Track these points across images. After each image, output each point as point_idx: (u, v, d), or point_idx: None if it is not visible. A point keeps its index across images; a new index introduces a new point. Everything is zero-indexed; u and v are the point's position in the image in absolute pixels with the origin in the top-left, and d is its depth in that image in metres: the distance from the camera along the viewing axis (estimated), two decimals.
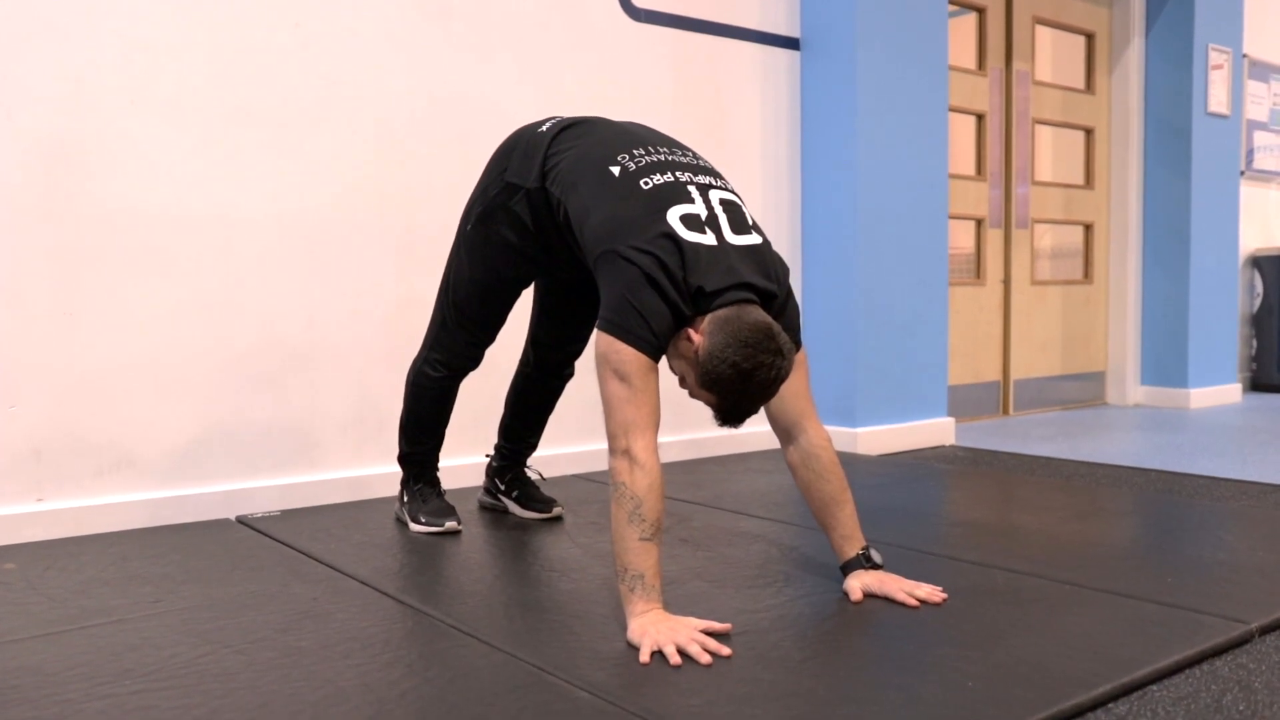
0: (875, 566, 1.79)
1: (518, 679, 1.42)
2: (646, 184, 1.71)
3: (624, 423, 1.59)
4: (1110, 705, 1.36)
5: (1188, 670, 1.48)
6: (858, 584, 1.76)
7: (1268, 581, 1.87)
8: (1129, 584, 1.85)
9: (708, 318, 1.61)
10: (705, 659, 1.45)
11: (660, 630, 1.50)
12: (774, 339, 1.58)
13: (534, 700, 1.35)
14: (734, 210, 1.74)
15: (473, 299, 2.13)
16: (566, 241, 1.92)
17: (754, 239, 1.72)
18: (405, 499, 2.36)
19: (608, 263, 1.66)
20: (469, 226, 2.08)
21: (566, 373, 2.37)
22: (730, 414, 1.62)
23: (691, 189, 1.72)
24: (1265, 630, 1.63)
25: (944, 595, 1.74)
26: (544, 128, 1.97)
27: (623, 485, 1.57)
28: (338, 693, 1.38)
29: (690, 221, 1.66)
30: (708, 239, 1.66)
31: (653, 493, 1.56)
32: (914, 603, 1.71)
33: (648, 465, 1.57)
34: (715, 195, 1.74)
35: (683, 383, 1.68)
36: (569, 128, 1.93)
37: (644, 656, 1.46)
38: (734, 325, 1.58)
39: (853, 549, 1.79)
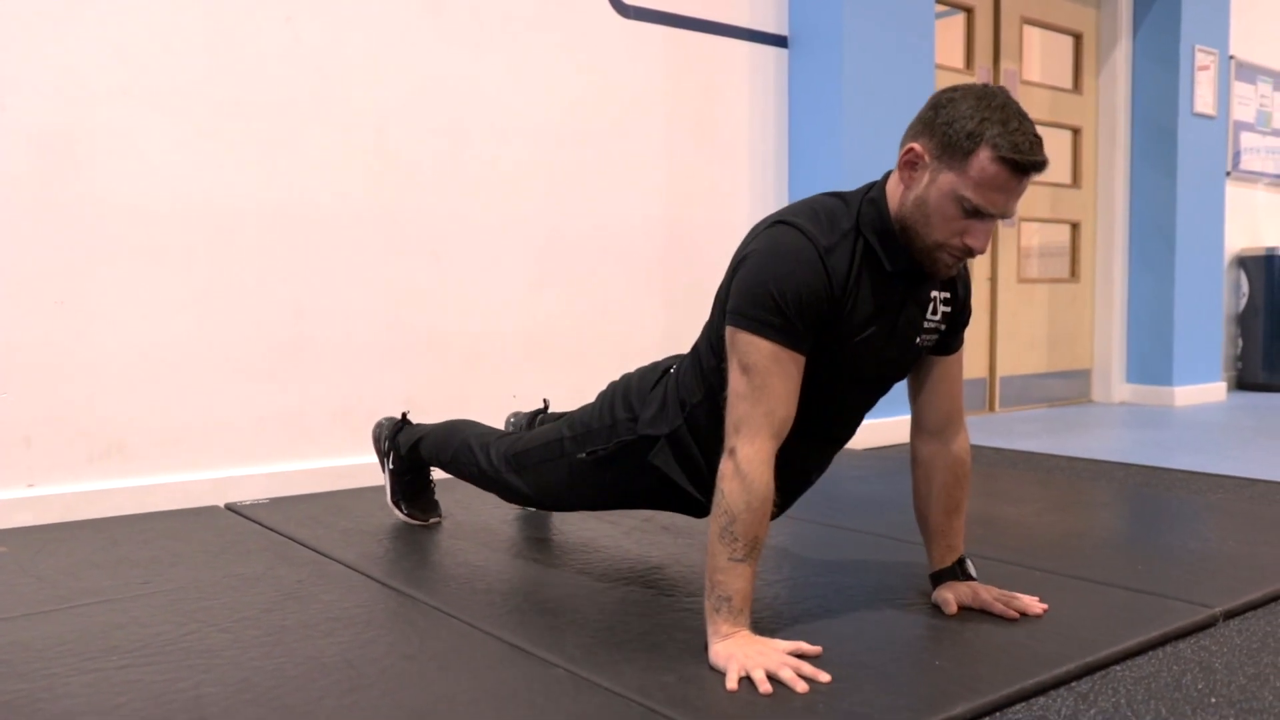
0: (969, 578, 1.68)
1: (495, 656, 1.46)
2: None
3: (735, 421, 1.43)
4: (1073, 684, 1.39)
5: (1151, 652, 1.51)
6: (952, 596, 1.65)
7: (1236, 569, 1.91)
8: (1101, 571, 1.89)
9: (907, 149, 1.45)
10: (801, 686, 1.32)
11: (748, 654, 1.38)
12: None
13: (509, 675, 1.38)
14: None
15: (558, 504, 1.95)
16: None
17: None
18: (392, 467, 2.29)
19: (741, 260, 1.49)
20: (582, 454, 1.76)
21: None
22: (1012, 137, 1.36)
23: None
24: (1230, 615, 1.67)
25: (1044, 606, 1.64)
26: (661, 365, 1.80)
27: (721, 495, 1.42)
28: (319, 668, 1.41)
29: None
30: None
31: (751, 511, 1.40)
32: (1013, 614, 1.60)
33: (750, 477, 1.40)
34: None
35: (944, 214, 1.42)
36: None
37: (731, 683, 1.33)
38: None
39: (951, 559, 1.68)
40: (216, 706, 1.28)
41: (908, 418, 1.74)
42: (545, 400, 2.47)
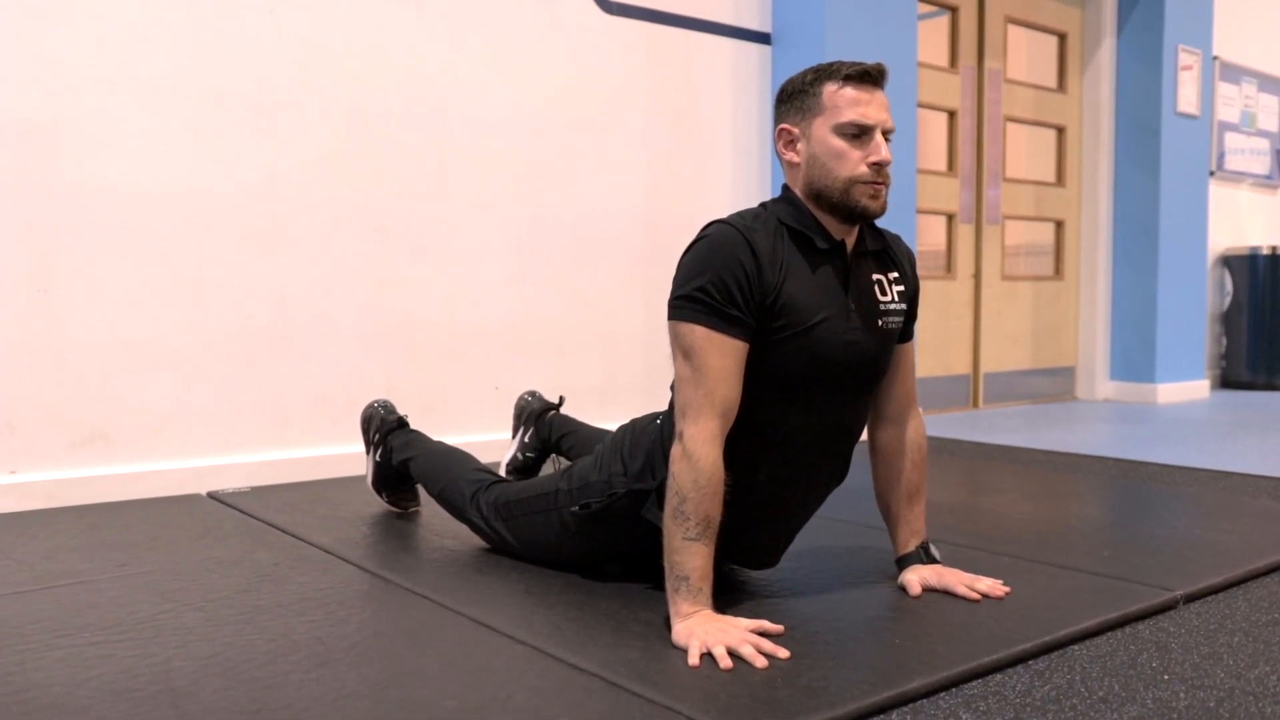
0: (933, 561, 1.73)
1: (465, 634, 1.48)
2: None
3: (681, 405, 1.48)
4: (1030, 661, 1.42)
5: (1110, 632, 1.54)
6: (916, 578, 1.69)
7: (1200, 555, 1.93)
8: (1067, 557, 1.92)
9: (777, 134, 1.61)
10: (760, 661, 1.35)
11: (709, 631, 1.40)
12: None
13: (477, 651, 1.40)
14: None
15: (541, 558, 1.87)
16: None
17: None
18: (378, 459, 2.30)
19: None
20: (574, 507, 1.73)
21: None
22: (842, 65, 1.54)
23: None
24: (1191, 598, 1.70)
25: (1007, 589, 1.67)
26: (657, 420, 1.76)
27: (671, 476, 1.47)
28: (289, 645, 1.43)
29: None
30: None
31: (699, 490, 1.44)
32: (975, 596, 1.64)
33: (696, 457, 1.44)
34: None
35: (836, 151, 1.54)
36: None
37: (693, 659, 1.36)
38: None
39: (915, 543, 1.73)
40: (185, 679, 1.30)
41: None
42: (561, 397, 2.48)
